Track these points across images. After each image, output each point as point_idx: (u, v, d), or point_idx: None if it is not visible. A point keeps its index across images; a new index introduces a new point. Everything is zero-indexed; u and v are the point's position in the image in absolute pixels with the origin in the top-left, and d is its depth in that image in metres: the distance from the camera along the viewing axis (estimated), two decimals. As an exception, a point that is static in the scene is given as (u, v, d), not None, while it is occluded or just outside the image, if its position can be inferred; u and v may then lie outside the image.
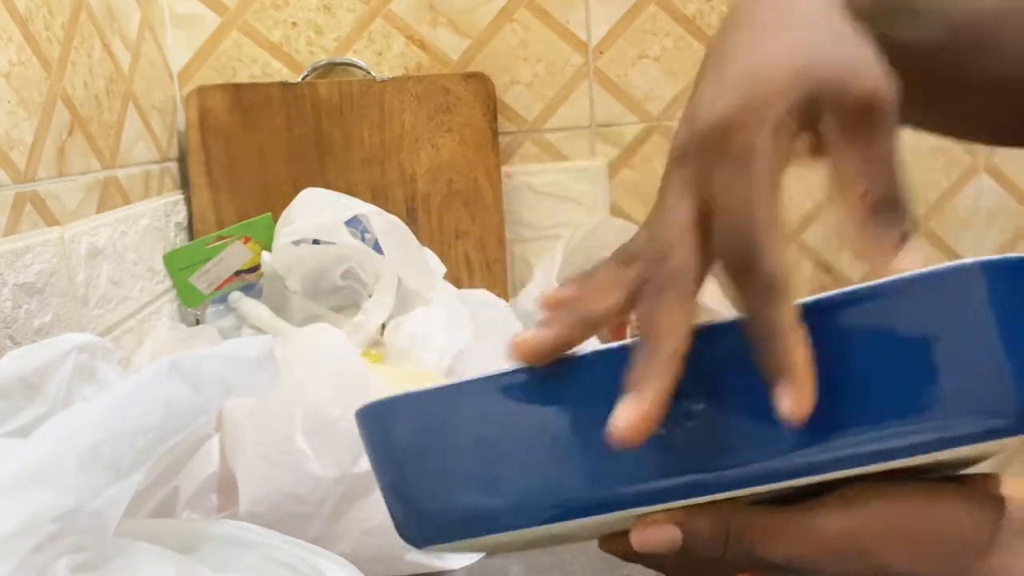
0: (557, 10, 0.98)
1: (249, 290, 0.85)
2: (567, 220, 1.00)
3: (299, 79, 0.96)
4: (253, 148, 0.94)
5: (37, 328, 0.58)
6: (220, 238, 0.86)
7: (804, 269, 1.04)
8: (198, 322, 0.87)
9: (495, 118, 0.95)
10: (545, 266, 0.88)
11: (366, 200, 0.81)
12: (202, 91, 0.92)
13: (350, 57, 0.97)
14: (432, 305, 0.76)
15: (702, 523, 0.29)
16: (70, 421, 0.35)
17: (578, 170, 1.00)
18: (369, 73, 0.96)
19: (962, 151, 1.02)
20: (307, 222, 0.78)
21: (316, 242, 0.79)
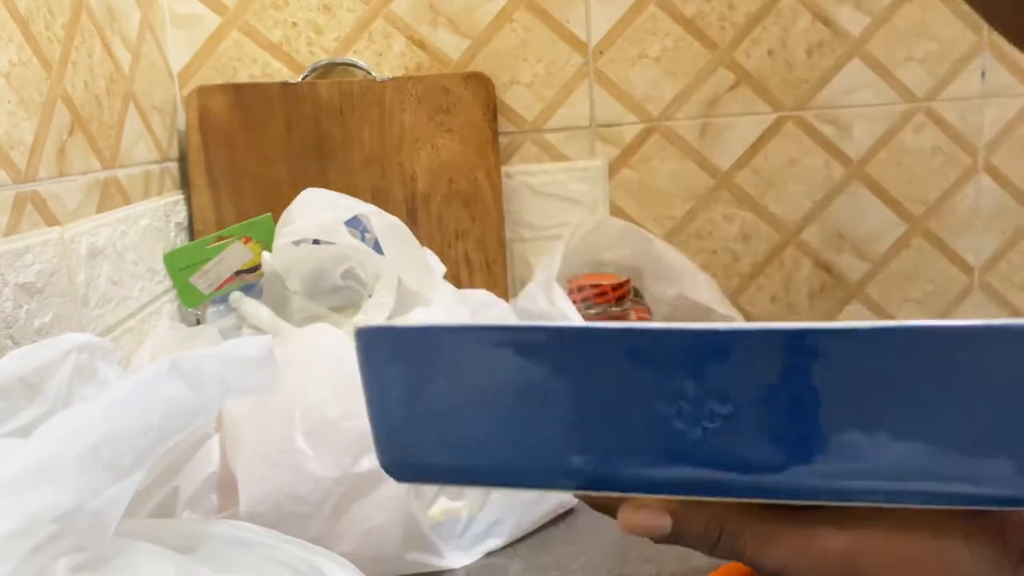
0: (557, 10, 0.98)
1: (249, 290, 0.85)
2: (567, 220, 1.00)
3: (299, 79, 0.96)
4: (253, 148, 0.94)
5: (37, 328, 0.58)
6: (220, 238, 0.86)
7: (804, 269, 1.04)
8: (198, 322, 0.87)
9: (495, 118, 0.95)
10: (545, 266, 0.88)
11: (366, 200, 0.81)
12: (202, 91, 0.92)
13: (350, 57, 0.97)
14: (432, 305, 0.76)
15: (696, 519, 0.29)
16: (70, 421, 0.35)
17: (578, 170, 1.00)
18: (369, 73, 0.96)
19: (962, 151, 1.02)
20: (307, 222, 0.78)
21: (316, 242, 0.79)
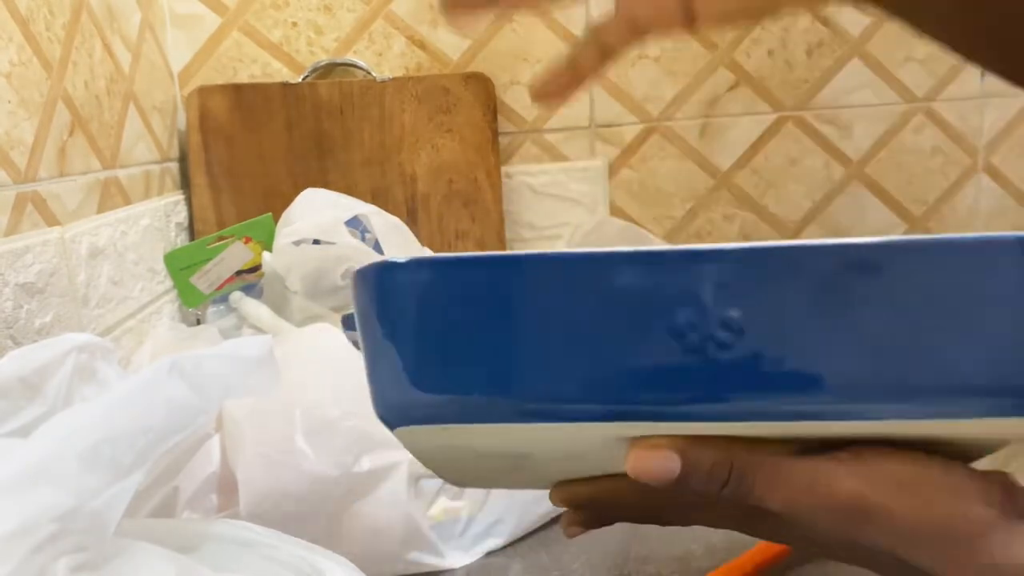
0: (557, 10, 0.98)
1: (250, 290, 0.85)
2: (567, 220, 1.00)
3: (299, 79, 0.96)
4: (254, 148, 0.94)
5: (38, 328, 0.58)
6: (221, 238, 0.86)
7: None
8: (198, 322, 0.87)
9: (495, 118, 0.96)
10: (545, 266, 0.88)
11: (366, 200, 0.81)
12: (203, 91, 0.93)
13: (350, 57, 0.97)
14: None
15: (706, 455, 0.28)
16: (70, 421, 0.35)
17: (578, 170, 1.00)
18: (369, 73, 0.96)
19: (962, 151, 1.02)
20: (307, 222, 0.78)
21: (316, 242, 0.79)
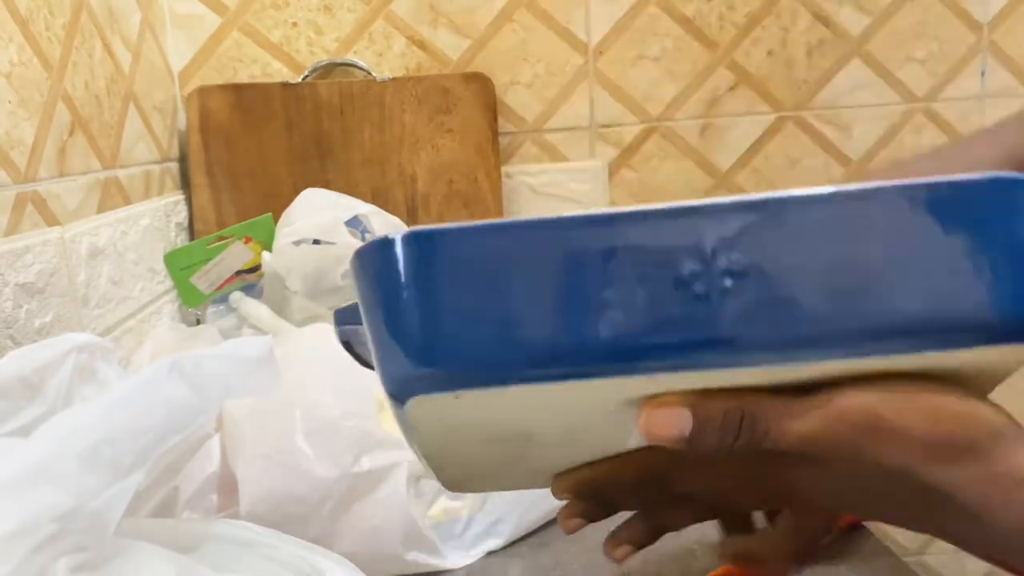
0: (557, 10, 0.98)
1: (250, 290, 0.85)
2: (567, 220, 1.00)
3: (299, 79, 0.96)
4: (254, 148, 0.94)
5: (37, 328, 0.58)
6: (221, 238, 0.86)
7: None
8: (198, 322, 0.87)
9: (495, 118, 0.96)
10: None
11: (366, 200, 0.81)
12: (203, 91, 0.93)
13: (350, 57, 0.97)
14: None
15: (716, 405, 0.28)
16: (70, 421, 0.35)
17: (578, 170, 1.00)
18: (369, 73, 0.96)
19: (962, 151, 1.02)
20: (307, 222, 0.78)
21: (316, 242, 0.79)
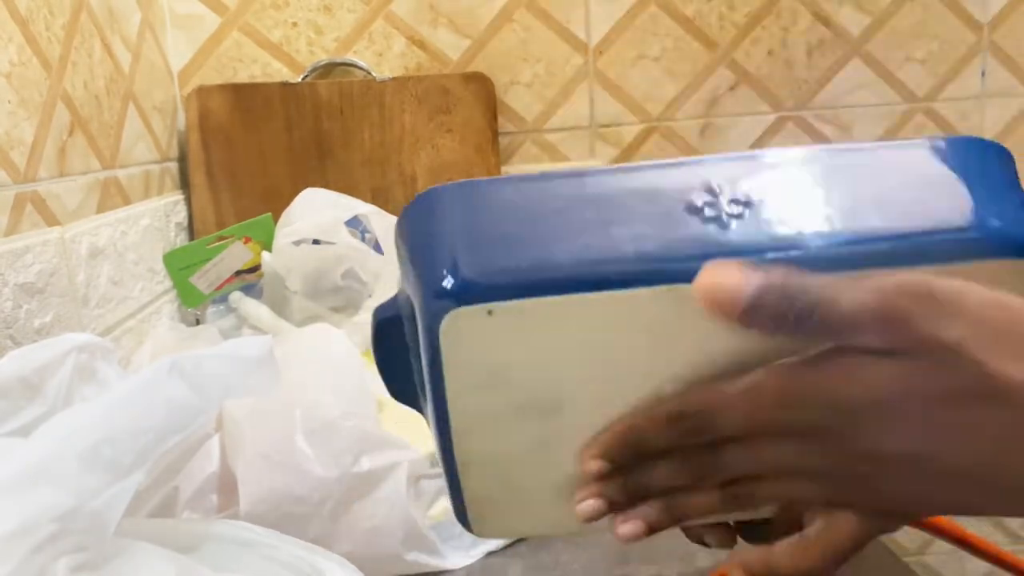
0: (557, 10, 0.98)
1: (249, 290, 0.85)
2: (567, 220, 1.00)
3: (299, 79, 0.96)
4: (253, 148, 0.94)
5: (37, 328, 0.58)
6: (220, 238, 0.86)
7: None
8: (198, 322, 0.87)
9: (495, 118, 0.96)
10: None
11: (366, 200, 0.81)
12: (202, 91, 0.92)
13: (350, 57, 0.97)
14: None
15: (775, 272, 0.28)
16: (70, 421, 0.35)
17: (578, 170, 1.00)
18: (369, 73, 0.96)
19: (962, 151, 1.02)
20: (307, 222, 0.78)
21: (316, 242, 0.79)
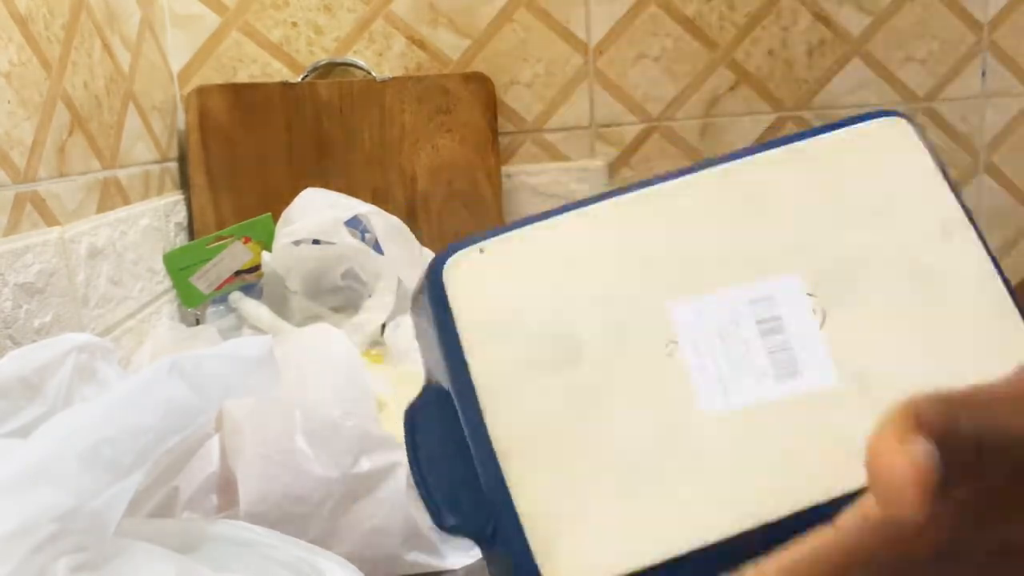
0: (557, 10, 0.98)
1: (249, 290, 0.85)
2: (567, 220, 1.00)
3: (299, 79, 0.96)
4: (253, 148, 0.94)
5: (37, 328, 0.58)
6: (220, 238, 0.86)
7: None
8: (198, 322, 0.87)
9: (495, 118, 0.95)
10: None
11: (366, 200, 0.81)
12: (202, 91, 0.92)
13: (350, 57, 0.97)
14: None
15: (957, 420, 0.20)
16: (70, 421, 0.35)
17: (578, 170, 1.00)
18: (369, 73, 0.96)
19: (962, 151, 1.02)
20: (307, 222, 0.78)
21: (316, 242, 0.79)
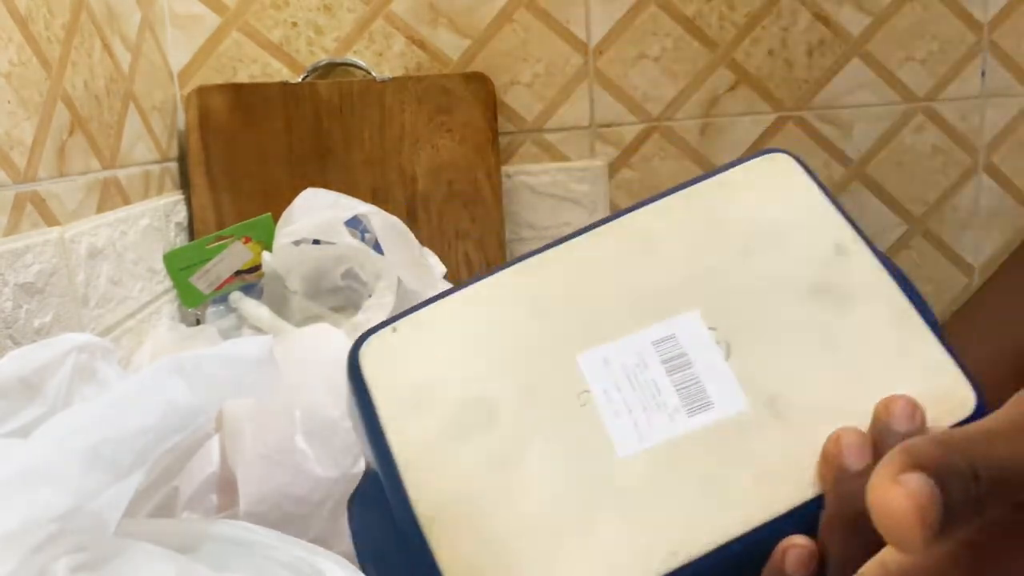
0: (557, 10, 0.98)
1: (249, 290, 0.85)
2: (567, 220, 1.00)
3: (299, 79, 0.96)
4: (253, 148, 0.94)
5: (37, 328, 0.58)
6: (220, 238, 0.86)
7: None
8: (198, 322, 0.87)
9: (495, 118, 0.95)
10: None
11: (366, 200, 0.81)
12: (202, 91, 0.92)
13: (350, 57, 0.97)
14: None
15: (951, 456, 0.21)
16: (70, 421, 0.35)
17: (578, 170, 1.00)
18: (369, 73, 0.96)
19: (962, 151, 1.02)
20: (307, 222, 0.78)
21: (316, 242, 0.79)
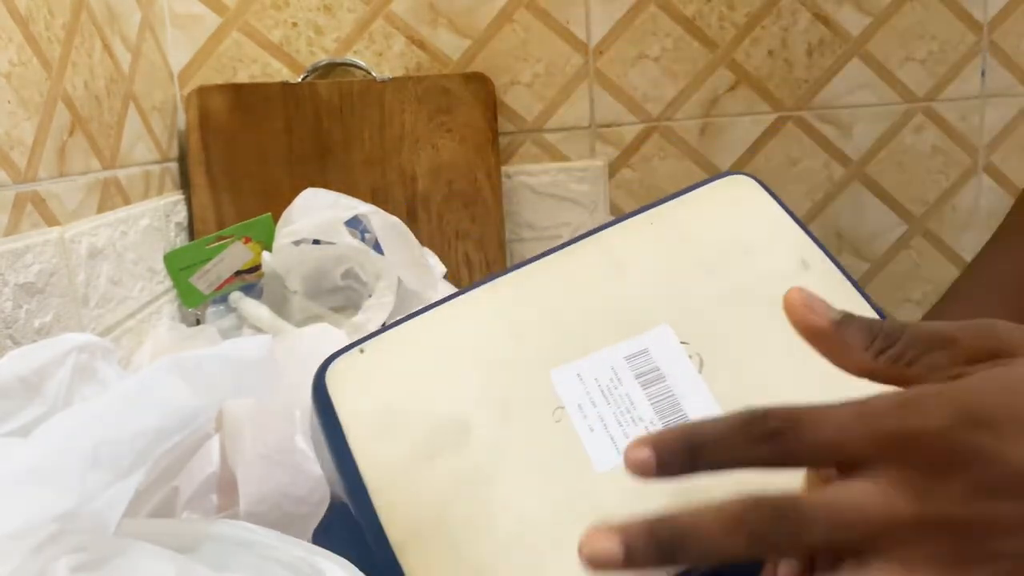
0: (557, 10, 0.98)
1: (249, 290, 0.85)
2: (567, 220, 1.00)
3: (299, 79, 0.96)
4: (253, 148, 0.94)
5: (37, 328, 0.58)
6: (220, 238, 0.86)
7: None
8: (198, 322, 0.87)
9: (495, 118, 0.95)
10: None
11: (366, 200, 0.81)
12: (202, 91, 0.92)
13: (350, 57, 0.97)
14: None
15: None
16: (70, 421, 0.35)
17: (578, 170, 1.00)
18: (369, 73, 0.96)
19: (962, 151, 1.02)
20: (307, 222, 0.78)
21: (316, 242, 0.79)
